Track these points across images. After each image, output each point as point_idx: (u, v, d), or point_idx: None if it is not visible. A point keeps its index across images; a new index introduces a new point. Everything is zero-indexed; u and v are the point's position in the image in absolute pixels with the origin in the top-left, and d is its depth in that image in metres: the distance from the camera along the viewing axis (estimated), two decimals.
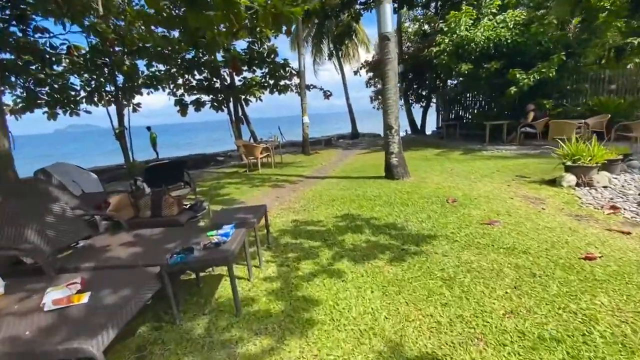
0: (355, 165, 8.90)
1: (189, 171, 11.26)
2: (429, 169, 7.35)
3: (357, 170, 8.08)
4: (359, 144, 14.75)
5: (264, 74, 13.45)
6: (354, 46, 20.72)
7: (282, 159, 11.02)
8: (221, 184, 7.66)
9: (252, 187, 7.04)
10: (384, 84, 6.32)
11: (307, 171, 8.57)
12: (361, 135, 19.87)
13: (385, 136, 6.50)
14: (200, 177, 9.05)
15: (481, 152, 9.40)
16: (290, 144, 17.53)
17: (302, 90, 11.82)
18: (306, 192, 6.14)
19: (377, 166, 8.18)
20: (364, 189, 5.93)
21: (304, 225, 4.24)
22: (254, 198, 6.05)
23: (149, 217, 4.06)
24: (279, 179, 7.64)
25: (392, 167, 6.41)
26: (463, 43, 9.96)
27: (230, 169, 10.28)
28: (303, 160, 10.54)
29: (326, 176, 7.65)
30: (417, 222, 4.00)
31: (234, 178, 8.34)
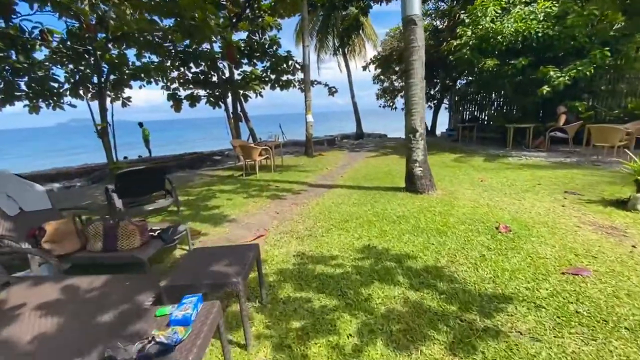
0: (365, 171, 7.74)
1: (180, 172, 10.08)
2: (455, 180, 6.19)
3: (369, 177, 6.93)
4: (365, 145, 13.58)
5: (265, 67, 12.26)
6: (361, 42, 19.49)
7: (283, 161, 9.86)
8: (212, 191, 6.50)
9: (248, 197, 5.88)
10: (408, 77, 5.15)
11: (312, 177, 7.41)
12: (366, 135, 18.69)
13: (408, 141, 5.34)
14: (191, 181, 7.89)
15: (506, 158, 8.24)
16: (292, 143, 16.36)
17: (307, 85, 10.64)
18: (312, 207, 4.99)
19: (392, 174, 7.04)
20: (382, 205, 4.78)
21: (312, 264, 3.09)
22: (247, 214, 4.89)
23: (100, 250, 2.92)
24: (279, 188, 6.48)
25: (416, 178, 5.25)
26: (488, 36, 8.77)
27: (225, 171, 9.13)
28: (306, 164, 9.38)
29: (334, 184, 6.50)
30: (471, 266, 2.85)
31: (228, 184, 7.18)
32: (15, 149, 52.00)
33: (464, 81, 14.51)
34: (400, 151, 10.60)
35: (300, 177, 7.48)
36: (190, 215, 4.99)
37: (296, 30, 18.16)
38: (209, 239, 3.98)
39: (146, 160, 13.62)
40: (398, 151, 10.70)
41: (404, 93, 5.34)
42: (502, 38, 8.67)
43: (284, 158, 10.57)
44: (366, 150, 11.69)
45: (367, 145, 13.75)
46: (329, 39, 18.77)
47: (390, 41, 19.47)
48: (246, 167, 8.34)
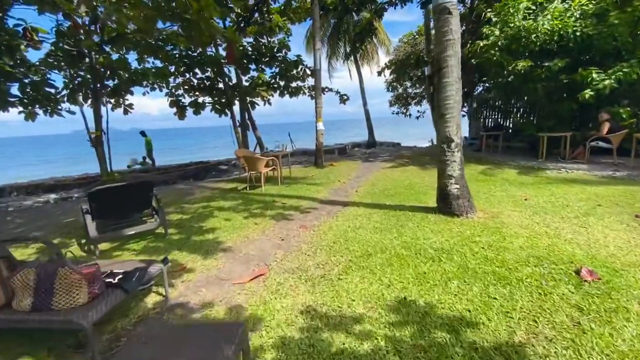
0: (383, 184, 6.79)
1: (182, 184, 9.20)
2: (492, 198, 5.20)
3: (388, 193, 5.98)
4: (379, 155, 12.63)
5: (274, 73, 11.51)
6: (373, 48, 18.69)
7: (291, 172, 8.98)
8: (210, 209, 5.64)
9: (249, 216, 4.99)
10: (441, 77, 4.23)
11: (323, 192, 6.50)
12: (379, 144, 17.74)
13: (440, 152, 4.39)
14: (191, 195, 7.06)
15: (543, 171, 7.20)
16: (301, 152, 15.53)
17: (318, 91, 9.80)
18: (324, 231, 4.07)
19: (415, 188, 6.08)
20: (412, 231, 3.83)
21: (328, 330, 2.15)
22: (246, 241, 3.99)
23: (29, 309, 2.05)
24: (286, 205, 5.58)
25: (451, 198, 4.29)
26: (520, 35, 7.80)
27: (229, 183, 8.28)
28: (316, 175, 8.49)
29: (348, 201, 5.57)
30: (567, 345, 1.87)
31: (229, 199, 6.31)
32: (30, 156, 52.61)
33: (480, 87, 13.54)
34: (419, 161, 9.62)
35: (310, 191, 6.58)
36: (179, 240, 4.11)
37: (306, 36, 17.49)
38: (195, 279, 3.08)
39: (149, 170, 12.94)
40: (416, 161, 9.73)
41: (436, 95, 4.41)
42: (535, 37, 7.70)
43: (292, 168, 9.70)
44: (381, 160, 10.73)
45: (380, 154, 12.80)
46: (340, 45, 18.04)
47: (404, 47, 18.67)
48: (251, 179, 7.49)
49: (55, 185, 11.39)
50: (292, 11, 11.55)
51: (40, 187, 11.21)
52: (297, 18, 11.91)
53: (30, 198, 10.39)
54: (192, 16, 4.54)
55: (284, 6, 11.35)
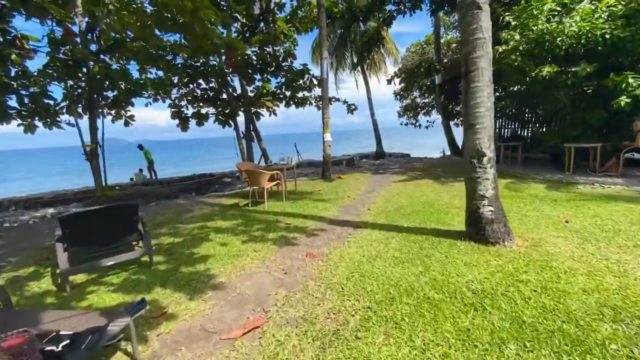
0: (398, 201, 6.13)
1: (182, 199, 8.61)
2: (527, 219, 4.50)
3: (405, 212, 5.31)
4: (389, 167, 11.98)
5: (280, 83, 11.05)
6: (381, 57, 18.24)
7: (297, 185, 8.38)
8: (206, 229, 5.04)
9: (248, 241, 4.37)
10: (470, 80, 3.62)
11: (331, 209, 5.86)
12: (387, 155, 17.11)
13: (471, 168, 3.74)
14: (189, 212, 6.48)
15: (574, 186, 6.47)
16: (307, 163, 14.97)
17: (325, 101, 9.27)
18: (334, 262, 3.42)
19: (434, 206, 5.41)
20: (440, 264, 3.16)
21: None
22: (242, 274, 3.35)
23: None
24: (291, 226, 4.95)
25: (484, 222, 3.61)
26: (544, 39, 7.18)
27: (231, 198, 7.70)
28: (324, 189, 7.86)
29: (360, 221, 4.92)
30: None
31: (229, 218, 5.71)
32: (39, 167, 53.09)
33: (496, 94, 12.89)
34: (432, 174, 8.94)
35: (317, 208, 5.95)
36: (166, 272, 3.50)
37: (312, 47, 17.12)
38: (175, 330, 2.45)
39: (150, 184, 12.48)
40: (429, 174, 9.05)
41: (463, 101, 3.78)
42: (561, 41, 7.07)
43: (298, 182, 9.11)
44: (391, 173, 10.08)
45: (390, 166, 12.14)
46: (347, 55, 17.63)
47: (412, 56, 18.18)
48: (253, 195, 6.90)
49: (54, 200, 10.98)
50: (298, 21, 11.15)
51: (39, 202, 10.81)
52: (303, 28, 11.51)
53: (28, 213, 9.96)
54: (187, 18, 4.04)
55: (290, 15, 10.97)
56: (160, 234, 4.97)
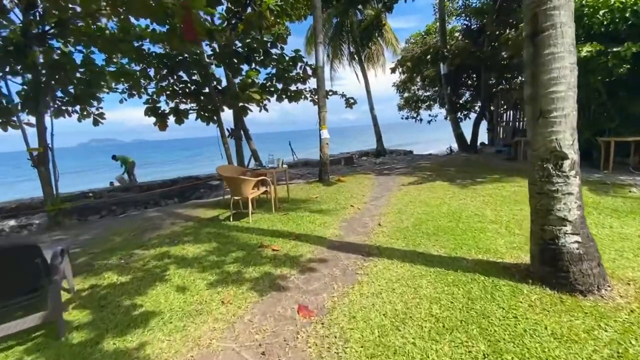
0: (415, 213, 4.88)
1: (154, 209, 7.20)
2: (599, 242, 3.26)
3: (427, 230, 4.06)
4: (393, 166, 10.73)
5: (270, 75, 9.71)
6: (379, 49, 16.91)
7: (291, 191, 7.10)
8: (166, 261, 3.75)
9: (216, 283, 3.08)
10: (542, 45, 2.35)
11: (332, 225, 4.59)
12: (389, 152, 15.88)
13: (542, 177, 2.47)
14: (154, 230, 5.19)
15: (623, 189, 5.26)
16: (303, 163, 13.69)
17: (321, 92, 7.98)
18: (342, 331, 2.16)
19: (463, 220, 4.15)
20: (514, 338, 1.91)
21: None
22: (200, 355, 2.08)
23: None
24: (279, 254, 3.66)
25: (568, 260, 2.36)
26: (582, 12, 5.95)
27: (210, 209, 6.40)
28: (322, 196, 6.60)
29: (372, 245, 3.67)
30: None
31: (201, 240, 4.42)
32: None
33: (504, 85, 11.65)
34: (445, 175, 7.67)
35: (314, 224, 4.68)
36: (78, 351, 2.22)
37: (307, 36, 15.73)
38: None
39: (128, 189, 11.12)
40: (442, 175, 7.81)
41: (528, 78, 2.51)
42: (602, 16, 5.83)
43: (293, 185, 7.84)
44: (398, 173, 8.83)
45: (394, 165, 10.89)
46: (343, 46, 16.30)
47: (412, 47, 16.89)
48: (237, 205, 5.63)
49: (18, 208, 9.62)
50: (290, 6, 9.81)
51: (20, 209, 9.44)
52: (296, 15, 10.19)
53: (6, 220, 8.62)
54: None
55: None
56: (105, 267, 3.68)
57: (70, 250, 4.45)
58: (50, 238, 5.35)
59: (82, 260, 3.97)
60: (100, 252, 4.26)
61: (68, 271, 3.01)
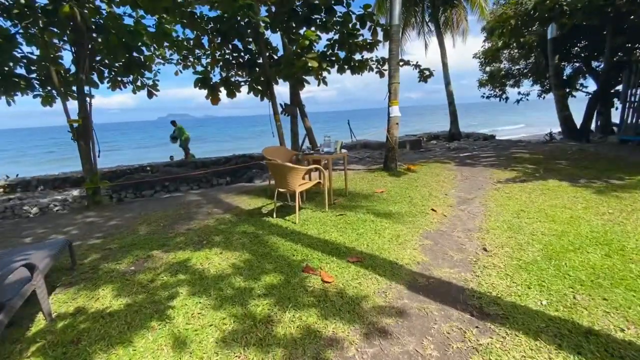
0: (538, 233, 3.22)
1: (198, 190, 6.22)
2: None
3: (572, 268, 2.43)
4: (476, 153, 8.71)
5: (331, 41, 8.22)
6: (461, 12, 14.10)
7: (349, 180, 5.78)
8: (183, 274, 2.75)
9: (232, 341, 1.95)
10: None
11: (409, 244, 3.18)
12: (464, 136, 13.51)
13: None
14: (186, 220, 4.33)
15: None
16: (362, 144, 12.17)
17: (394, 59, 6.34)
18: None
19: (630, 254, 2.38)
20: None
21: None
22: None
23: None
24: (331, 288, 2.40)
25: None
26: None
27: (256, 197, 5.41)
28: (389, 191, 5.15)
29: (483, 294, 2.21)
30: None
31: (234, 243, 3.38)
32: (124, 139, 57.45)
33: None
34: (558, 171, 5.49)
35: (383, 236, 3.32)
36: None
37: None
38: None
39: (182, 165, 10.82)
40: (552, 170, 5.74)
41: None
42: None
43: (351, 172, 6.51)
44: (486, 164, 6.90)
45: (478, 152, 8.82)
46: (417, 10, 13.90)
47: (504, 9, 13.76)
48: (281, 195, 4.52)
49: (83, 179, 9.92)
50: None
51: (68, 181, 9.80)
52: None
53: (52, 194, 8.91)
54: None
55: None
56: (109, 276, 2.82)
57: (88, 242, 3.76)
58: (76, 221, 4.82)
59: (90, 260, 3.19)
60: (117, 248, 3.46)
61: (41, 292, 2.13)
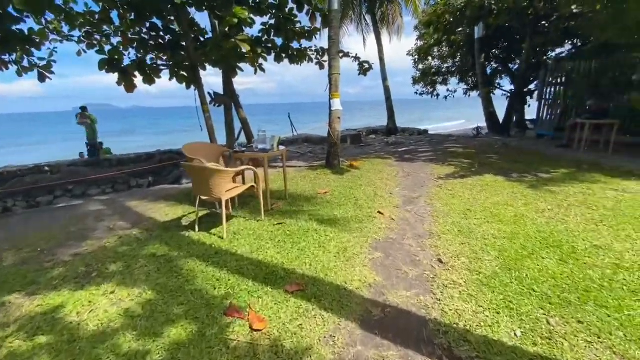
0: (490, 237, 3.00)
1: (103, 197, 4.43)
2: None
3: (532, 280, 2.18)
4: (413, 148, 8.76)
5: (267, 26, 7.42)
6: (396, 8, 14.25)
7: (289, 180, 5.17)
8: (40, 351, 1.87)
9: None
10: None
11: (358, 259, 2.70)
12: (400, 131, 13.80)
13: None
14: (80, 238, 3.28)
15: None
16: (304, 139, 11.62)
17: (334, 47, 5.84)
18: None
19: (600, 269, 2.22)
20: None
21: None
22: None
23: None
24: (263, 339, 1.77)
25: None
26: None
27: (177, 204, 4.47)
28: (333, 191, 4.66)
29: (448, 326, 1.80)
30: None
31: (136, 274, 2.54)
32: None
33: None
34: (490, 165, 5.52)
35: (328, 250, 2.79)
36: None
37: None
38: None
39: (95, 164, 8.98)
40: (487, 165, 5.86)
41: None
42: None
43: (292, 170, 5.90)
44: (425, 159, 6.86)
45: (415, 147, 8.88)
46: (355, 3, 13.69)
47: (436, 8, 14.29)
48: (205, 203, 3.73)
49: None
50: None
51: None
52: None
53: None
54: None
55: None
56: None
57: None
58: None
59: None
60: None
61: None
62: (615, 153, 6.40)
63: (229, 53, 6.02)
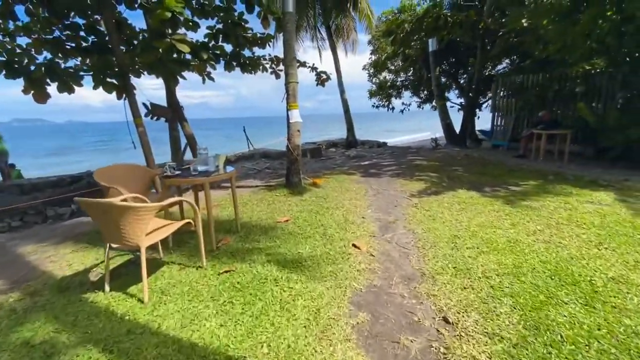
0: (494, 276, 2.42)
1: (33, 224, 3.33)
2: None
3: (576, 348, 1.60)
4: (377, 162, 8.31)
5: (214, 30, 6.54)
6: (350, 23, 14.16)
7: (244, 204, 4.29)
8: None
9: None
10: None
11: (338, 325, 1.94)
12: (360, 143, 13.48)
13: None
14: None
15: None
16: (261, 154, 10.71)
17: (290, 53, 5.15)
18: None
19: None
20: None
21: None
22: None
23: None
24: None
25: None
26: None
27: (88, 246, 3.36)
28: (296, 218, 3.88)
29: None
30: None
31: None
32: None
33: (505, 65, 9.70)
34: (458, 178, 5.10)
35: (293, 311, 1.99)
36: None
37: None
38: None
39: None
40: (454, 178, 5.49)
41: None
42: None
43: (246, 192, 4.99)
44: (391, 174, 6.37)
45: (379, 161, 8.44)
46: (309, 14, 13.32)
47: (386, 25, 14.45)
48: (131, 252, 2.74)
49: None
50: None
51: None
52: None
53: None
54: None
55: None
56: None
57: None
58: None
59: None
60: None
61: None
62: (570, 162, 6.48)
63: (164, 56, 5.04)
